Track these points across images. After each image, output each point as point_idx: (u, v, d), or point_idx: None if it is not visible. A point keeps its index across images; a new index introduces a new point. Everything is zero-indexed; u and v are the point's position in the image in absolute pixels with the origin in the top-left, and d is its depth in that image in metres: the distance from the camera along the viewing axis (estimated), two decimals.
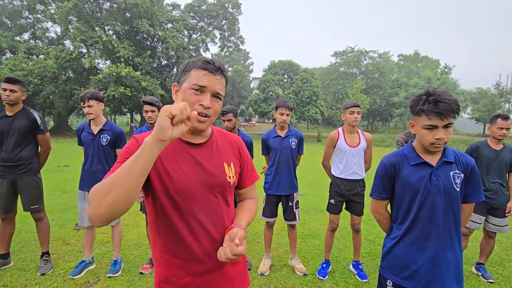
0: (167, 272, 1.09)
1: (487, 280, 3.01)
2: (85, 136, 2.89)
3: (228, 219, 1.14)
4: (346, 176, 2.98)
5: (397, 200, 1.57)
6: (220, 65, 1.05)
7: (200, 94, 1.01)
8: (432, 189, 1.44)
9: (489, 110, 37.29)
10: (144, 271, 2.96)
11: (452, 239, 1.46)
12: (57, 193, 6.12)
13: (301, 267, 3.10)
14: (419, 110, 1.40)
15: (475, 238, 4.00)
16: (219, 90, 1.04)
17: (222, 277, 1.12)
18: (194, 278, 1.07)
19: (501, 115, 2.94)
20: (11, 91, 2.74)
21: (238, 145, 1.23)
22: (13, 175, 2.82)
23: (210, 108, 1.02)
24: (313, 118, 28.63)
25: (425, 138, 1.42)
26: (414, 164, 1.49)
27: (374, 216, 1.70)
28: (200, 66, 1.02)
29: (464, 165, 1.49)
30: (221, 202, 1.12)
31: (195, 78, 1.01)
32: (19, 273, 2.87)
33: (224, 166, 1.13)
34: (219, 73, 1.04)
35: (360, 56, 43.05)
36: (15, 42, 24.34)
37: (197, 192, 1.05)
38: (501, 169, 2.96)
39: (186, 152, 1.07)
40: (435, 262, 1.45)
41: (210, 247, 1.07)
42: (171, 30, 24.69)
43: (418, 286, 1.46)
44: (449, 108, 1.34)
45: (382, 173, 1.59)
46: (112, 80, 19.93)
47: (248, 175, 1.26)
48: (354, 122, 2.95)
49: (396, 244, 1.55)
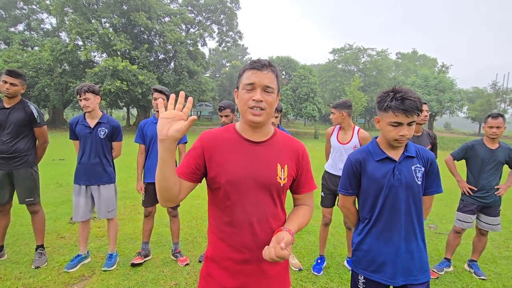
0: (213, 251, 1.21)
1: (479, 277, 3.05)
2: (81, 130, 2.86)
3: (274, 219, 1.19)
4: (334, 172, 3.05)
5: (363, 195, 1.63)
6: (266, 61, 1.14)
7: (251, 91, 1.12)
8: (395, 183, 1.50)
9: (485, 110, 37.53)
10: (136, 261, 2.98)
11: (414, 230, 1.53)
12: (52, 187, 6.08)
13: (296, 263, 3.12)
14: (386, 106, 1.44)
15: (467, 236, 4.05)
16: (268, 83, 1.12)
17: (260, 272, 1.18)
18: (233, 263, 1.17)
19: (491, 114, 2.95)
20: (11, 84, 2.71)
21: (299, 151, 1.27)
22: (9, 167, 2.79)
23: (262, 101, 1.11)
24: (311, 115, 28.62)
25: (389, 134, 1.48)
26: (379, 159, 1.55)
27: (342, 211, 1.77)
28: (248, 67, 1.14)
29: (425, 159, 1.56)
30: (268, 200, 1.18)
31: (245, 78, 1.14)
32: (13, 266, 2.85)
33: (277, 166, 1.18)
34: (265, 68, 1.12)
35: (358, 54, 42.97)
36: (10, 33, 23.90)
37: (247, 186, 1.14)
38: (496, 168, 2.98)
39: (244, 148, 1.18)
40: (399, 253, 1.51)
41: (250, 240, 1.15)
42: (168, 24, 24.40)
43: (384, 278, 1.52)
44: (414, 106, 1.40)
45: (348, 169, 1.64)
46: (109, 73, 19.68)
47: (306, 182, 1.29)
48: (333, 122, 3.06)
49: (363, 238, 1.61)
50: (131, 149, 9.94)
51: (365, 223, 1.62)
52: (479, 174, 3.02)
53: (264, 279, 1.19)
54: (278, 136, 1.25)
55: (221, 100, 35.75)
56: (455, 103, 31.22)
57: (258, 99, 1.10)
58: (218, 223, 1.19)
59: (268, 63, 1.14)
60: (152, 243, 3.48)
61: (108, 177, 2.95)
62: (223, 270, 1.18)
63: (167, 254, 3.30)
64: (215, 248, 1.21)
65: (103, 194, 2.92)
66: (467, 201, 3.10)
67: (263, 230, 1.16)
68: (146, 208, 3.11)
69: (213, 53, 50.79)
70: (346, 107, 2.97)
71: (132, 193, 5.80)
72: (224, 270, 1.18)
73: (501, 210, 3.11)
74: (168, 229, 3.94)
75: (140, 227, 3.98)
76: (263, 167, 1.16)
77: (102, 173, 2.91)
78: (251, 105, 1.11)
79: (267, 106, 1.12)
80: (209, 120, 41.22)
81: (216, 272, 1.20)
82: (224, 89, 40.44)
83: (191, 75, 25.70)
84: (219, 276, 1.19)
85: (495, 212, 3.04)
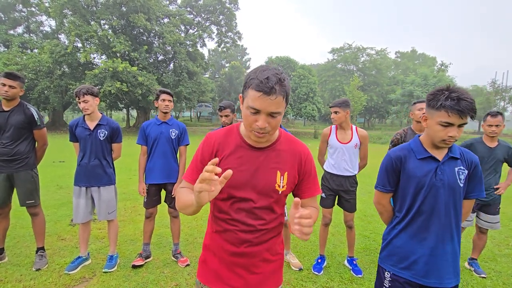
0: (210, 240, 1.29)
1: (479, 275, 3.05)
2: (81, 132, 2.87)
3: (271, 220, 1.23)
4: (336, 172, 3.02)
5: (401, 192, 1.59)
6: (275, 83, 1.02)
7: (256, 114, 1.07)
8: (437, 183, 1.46)
9: (485, 108, 37.51)
10: (137, 263, 2.98)
11: (452, 233, 1.49)
12: (52, 189, 6.09)
13: (296, 262, 3.12)
14: (440, 105, 1.37)
15: (468, 234, 4.05)
16: (274, 110, 1.05)
17: (252, 265, 1.23)
18: (227, 256, 1.23)
19: (490, 112, 2.95)
20: (10, 86, 2.71)
21: (302, 156, 1.25)
22: (10, 170, 2.80)
23: (265, 127, 1.08)
24: (310, 115, 28.64)
25: (437, 134, 1.42)
26: (421, 158, 1.51)
27: (377, 208, 1.72)
28: (255, 87, 1.03)
29: (469, 161, 1.51)
30: (265, 205, 1.20)
31: (251, 99, 1.05)
32: (14, 269, 2.86)
33: (277, 174, 1.19)
34: (273, 93, 1.02)
35: (357, 53, 43.01)
36: (9, 36, 23.93)
37: (246, 191, 1.17)
38: (495, 166, 2.99)
39: (247, 154, 1.19)
40: (434, 254, 1.47)
41: (245, 237, 1.20)
42: (167, 25, 24.43)
43: (416, 276, 1.49)
44: (470, 108, 1.34)
45: (387, 165, 1.60)
46: (108, 75, 19.70)
47: (309, 187, 1.27)
48: (333, 121, 3.01)
49: (397, 235, 1.58)
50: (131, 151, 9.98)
51: (400, 221, 1.58)
52: None
53: (257, 274, 1.23)
54: (282, 141, 1.24)
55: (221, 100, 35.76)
56: None
57: (262, 126, 1.06)
58: (216, 218, 1.26)
59: (278, 83, 1.03)
60: (153, 244, 3.48)
61: (108, 179, 2.95)
62: (218, 259, 1.25)
63: (167, 255, 3.30)
64: (212, 238, 1.28)
65: (103, 196, 2.93)
66: None
67: (258, 230, 1.20)
68: (148, 209, 3.11)
69: (213, 53, 50.78)
70: (349, 106, 2.97)
71: (132, 195, 5.81)
72: (218, 260, 1.25)
73: (501, 208, 3.11)
74: (168, 230, 3.95)
75: (140, 229, 3.98)
76: (262, 174, 1.18)
77: (102, 174, 2.91)
78: (254, 129, 1.09)
79: (270, 129, 1.09)
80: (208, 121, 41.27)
81: (211, 260, 1.27)
82: (224, 90, 40.45)
83: (191, 76, 25.72)
84: (214, 264, 1.26)
85: (495, 210, 3.05)
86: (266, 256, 1.25)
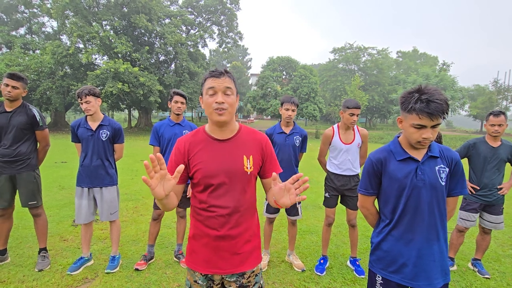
0: (194, 230, 1.44)
1: (483, 275, 3.04)
2: (83, 132, 2.87)
3: (244, 203, 1.40)
4: (341, 172, 3.01)
5: (384, 195, 1.59)
6: (222, 70, 1.34)
7: (213, 95, 1.32)
8: (418, 183, 1.46)
9: (487, 107, 37.39)
10: (140, 267, 2.96)
11: (437, 232, 1.49)
12: (54, 189, 6.10)
13: (299, 263, 3.11)
14: (411, 108, 1.38)
15: (471, 234, 4.03)
16: (227, 85, 1.32)
17: (234, 246, 1.38)
18: (209, 240, 1.38)
19: (493, 112, 2.92)
20: (13, 87, 2.72)
21: (261, 142, 1.47)
22: (12, 171, 2.80)
23: (223, 102, 1.30)
24: (312, 115, 28.56)
25: (412, 136, 1.44)
26: (400, 159, 1.51)
27: (361, 211, 1.73)
28: (208, 76, 1.34)
29: (449, 159, 1.51)
30: (239, 188, 1.38)
31: (207, 84, 1.34)
32: (17, 269, 2.86)
33: (243, 158, 1.39)
34: (223, 75, 1.32)
35: (358, 53, 42.92)
36: (11, 37, 24.04)
37: (220, 178, 1.35)
38: (498, 166, 2.97)
39: (214, 146, 1.39)
40: (421, 255, 1.48)
41: (223, 221, 1.36)
42: (169, 26, 24.47)
43: (405, 279, 1.49)
44: (440, 109, 1.34)
45: (369, 169, 1.61)
46: (110, 76, 19.74)
47: (271, 167, 1.48)
48: (352, 124, 2.94)
49: (383, 238, 1.58)
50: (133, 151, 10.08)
51: (386, 223, 1.58)
52: (482, 172, 3.00)
53: (239, 254, 1.39)
54: (243, 132, 1.45)
55: None
56: (456, 101, 31.06)
57: (220, 101, 1.30)
58: (197, 208, 1.41)
59: (225, 71, 1.34)
60: (155, 245, 3.48)
61: (110, 179, 2.95)
62: (203, 246, 1.40)
63: (169, 255, 3.30)
64: (195, 227, 1.43)
65: (106, 196, 2.93)
66: (470, 200, 3.09)
67: (233, 212, 1.36)
68: (156, 210, 3.11)
69: (214, 54, 50.86)
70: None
71: (134, 195, 5.81)
72: (203, 246, 1.40)
73: (504, 208, 3.09)
74: (170, 231, 3.95)
75: (142, 229, 3.99)
76: (231, 160, 1.37)
77: (104, 175, 2.91)
78: (215, 107, 1.30)
79: (228, 106, 1.32)
80: None
81: (198, 248, 1.42)
82: None
83: (192, 77, 25.74)
84: (201, 251, 1.41)
85: (498, 210, 3.03)
86: (246, 237, 1.41)
